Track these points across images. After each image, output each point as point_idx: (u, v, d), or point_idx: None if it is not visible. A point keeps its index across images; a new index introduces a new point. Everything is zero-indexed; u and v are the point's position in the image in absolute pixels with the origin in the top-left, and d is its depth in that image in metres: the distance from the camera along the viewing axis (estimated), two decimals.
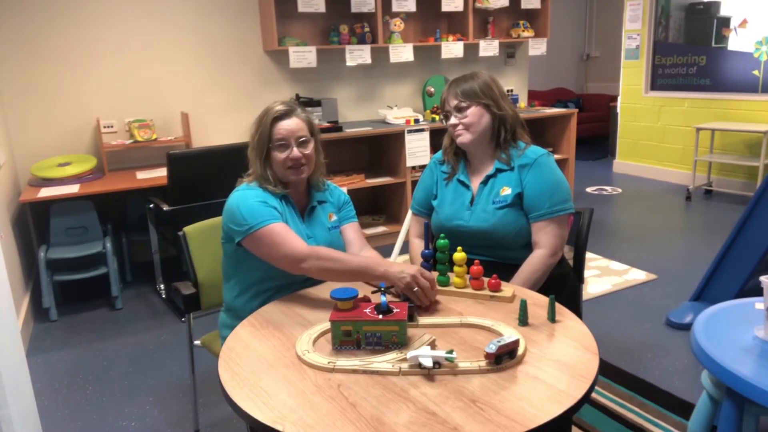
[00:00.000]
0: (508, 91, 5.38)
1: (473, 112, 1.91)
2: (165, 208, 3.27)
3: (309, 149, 1.77)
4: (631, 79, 6.30)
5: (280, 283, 1.75)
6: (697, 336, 1.66)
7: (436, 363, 1.22)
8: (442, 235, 1.75)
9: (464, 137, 1.93)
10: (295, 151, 1.74)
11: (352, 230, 1.91)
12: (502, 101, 1.94)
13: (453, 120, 1.94)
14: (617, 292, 3.39)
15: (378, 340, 1.34)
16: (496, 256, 1.93)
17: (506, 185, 1.91)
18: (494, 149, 1.96)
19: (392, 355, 1.29)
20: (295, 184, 1.81)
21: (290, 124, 1.74)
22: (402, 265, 1.56)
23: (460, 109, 1.93)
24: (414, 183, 3.84)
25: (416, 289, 1.51)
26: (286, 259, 1.64)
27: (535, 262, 1.85)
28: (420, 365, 1.22)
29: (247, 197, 1.71)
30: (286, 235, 1.64)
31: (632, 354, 2.69)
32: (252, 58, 4.31)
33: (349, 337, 1.34)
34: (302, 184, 1.84)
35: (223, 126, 4.25)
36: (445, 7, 4.56)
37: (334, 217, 1.88)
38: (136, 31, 3.92)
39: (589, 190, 5.86)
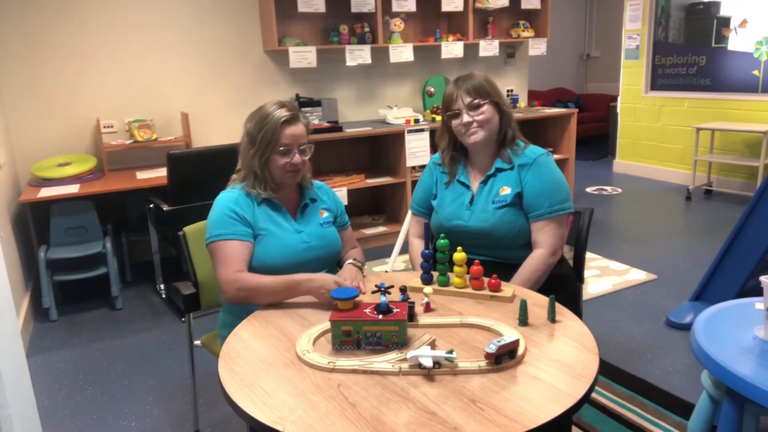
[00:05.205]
0: (508, 91, 5.38)
1: (488, 109, 1.90)
2: (165, 208, 3.27)
3: (307, 155, 1.81)
4: (631, 79, 6.30)
5: None
6: (697, 336, 1.66)
7: (436, 363, 1.22)
8: (442, 235, 1.75)
9: (478, 135, 1.90)
10: (297, 158, 1.78)
11: (347, 233, 1.99)
12: (503, 99, 1.95)
13: (466, 118, 1.89)
14: (617, 292, 3.39)
15: (378, 340, 1.34)
16: (496, 256, 1.93)
17: (506, 185, 1.91)
18: (497, 148, 1.96)
19: (392, 355, 1.29)
20: (288, 185, 1.85)
21: (296, 131, 1.77)
22: (321, 279, 1.59)
23: (474, 107, 1.89)
24: (414, 183, 3.84)
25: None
26: (217, 279, 1.70)
27: (535, 261, 1.85)
28: (420, 365, 1.22)
29: (220, 204, 1.75)
30: (227, 256, 1.67)
31: (632, 354, 2.69)
32: (252, 58, 4.30)
33: (349, 337, 1.34)
34: (293, 184, 1.88)
35: (223, 126, 4.24)
36: (445, 7, 4.56)
37: (326, 214, 1.91)
38: (136, 31, 3.92)
39: (589, 190, 5.86)
